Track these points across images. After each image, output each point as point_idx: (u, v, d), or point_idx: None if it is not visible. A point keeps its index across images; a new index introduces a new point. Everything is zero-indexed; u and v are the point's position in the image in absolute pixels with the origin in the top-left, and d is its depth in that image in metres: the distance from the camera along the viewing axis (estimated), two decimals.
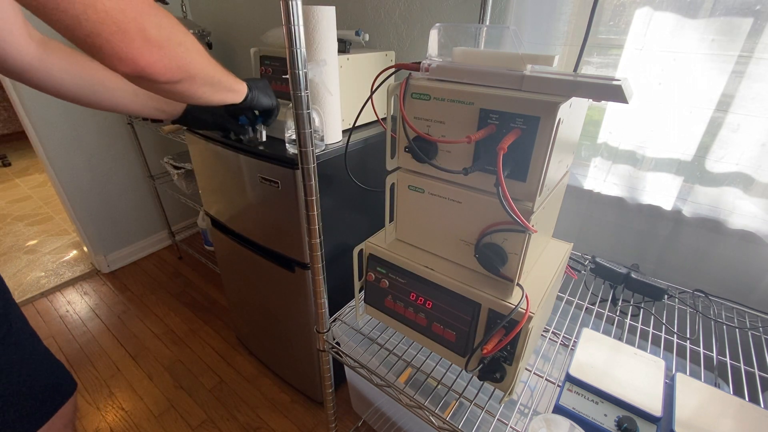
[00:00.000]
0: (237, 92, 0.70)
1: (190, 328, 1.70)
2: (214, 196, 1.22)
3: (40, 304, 1.85)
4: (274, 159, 0.92)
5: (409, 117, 0.59)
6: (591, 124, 0.95)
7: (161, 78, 0.46)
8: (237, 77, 0.71)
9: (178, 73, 0.48)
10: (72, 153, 1.78)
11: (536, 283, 0.62)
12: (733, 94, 0.77)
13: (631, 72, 0.85)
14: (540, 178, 0.50)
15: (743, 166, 0.80)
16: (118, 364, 1.53)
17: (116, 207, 2.00)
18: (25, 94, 1.58)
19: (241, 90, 0.71)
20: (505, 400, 0.62)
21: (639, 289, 0.85)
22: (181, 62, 0.48)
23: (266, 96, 0.79)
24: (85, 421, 1.32)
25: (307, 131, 0.56)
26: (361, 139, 1.01)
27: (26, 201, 2.83)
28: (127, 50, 0.41)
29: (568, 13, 0.91)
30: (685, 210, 0.89)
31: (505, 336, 0.56)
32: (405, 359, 0.73)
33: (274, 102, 0.81)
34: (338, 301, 0.87)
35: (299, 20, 0.48)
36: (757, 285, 0.85)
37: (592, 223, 1.03)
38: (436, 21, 1.13)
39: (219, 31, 1.86)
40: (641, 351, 0.63)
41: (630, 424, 0.51)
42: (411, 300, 0.67)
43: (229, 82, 0.66)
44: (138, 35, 0.41)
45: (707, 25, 0.75)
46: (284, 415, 1.34)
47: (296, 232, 0.98)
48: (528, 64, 0.50)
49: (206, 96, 0.60)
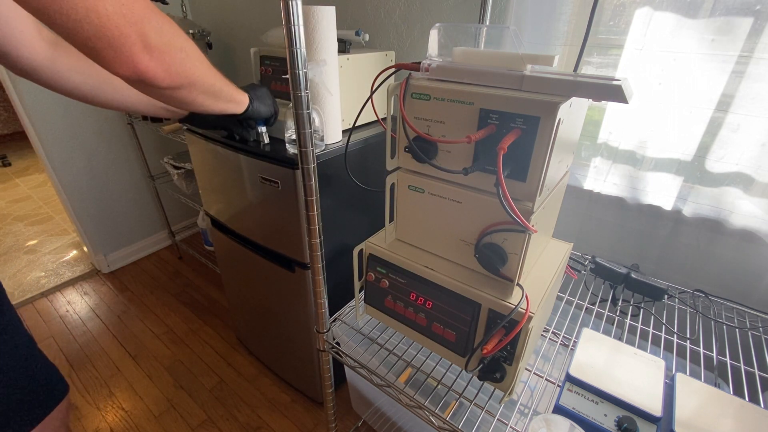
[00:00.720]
0: (238, 103, 0.71)
1: (190, 328, 1.70)
2: (214, 196, 1.22)
3: (40, 304, 1.85)
4: (274, 159, 0.92)
5: (409, 117, 0.59)
6: (591, 124, 0.95)
7: (161, 83, 0.46)
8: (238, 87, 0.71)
9: (178, 79, 0.49)
10: (72, 153, 1.78)
11: (536, 283, 0.62)
12: (733, 94, 0.77)
13: (631, 72, 0.85)
14: (540, 178, 0.50)
15: (743, 166, 0.80)
16: (118, 364, 1.53)
17: (116, 207, 2.00)
18: (25, 94, 1.58)
19: (242, 101, 0.72)
20: (505, 400, 0.62)
21: (639, 289, 0.85)
22: (182, 68, 0.48)
23: (265, 105, 0.80)
24: (85, 421, 1.32)
25: (307, 131, 0.56)
26: (361, 139, 1.01)
27: (26, 201, 2.83)
28: (128, 54, 0.42)
29: (568, 13, 0.91)
30: (685, 210, 0.89)
31: (505, 336, 0.56)
32: (405, 359, 0.73)
33: (272, 110, 0.82)
34: (338, 301, 0.87)
35: (299, 20, 0.48)
36: (757, 285, 0.84)
37: (592, 223, 1.02)
38: (436, 21, 1.13)
39: (219, 31, 1.86)
40: (641, 351, 0.63)
41: (630, 424, 0.51)
42: (411, 300, 0.67)
43: (230, 93, 0.67)
44: (139, 40, 0.42)
45: (707, 25, 0.75)
46: (284, 415, 1.34)
47: (296, 232, 0.98)
48: (528, 64, 0.50)
49: (206, 104, 0.60)
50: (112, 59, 0.41)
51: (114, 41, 0.40)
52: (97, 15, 0.38)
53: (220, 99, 0.63)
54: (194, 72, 0.51)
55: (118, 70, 0.42)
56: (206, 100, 0.59)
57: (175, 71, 0.47)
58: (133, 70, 0.43)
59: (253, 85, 0.80)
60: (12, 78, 1.55)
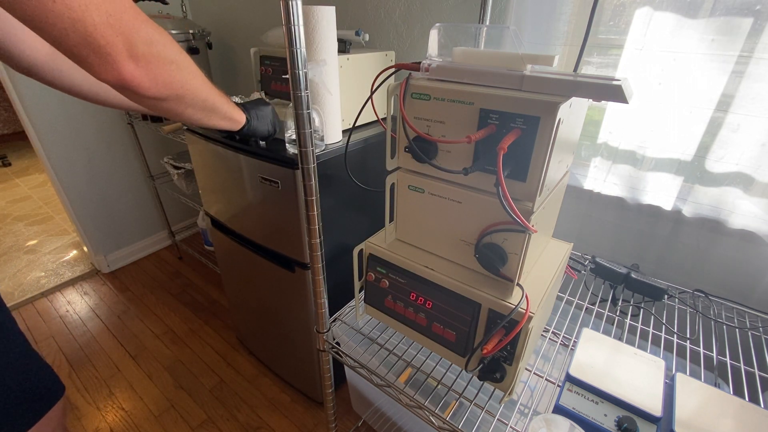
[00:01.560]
0: (234, 121, 0.70)
1: (190, 328, 1.70)
2: (214, 196, 1.22)
3: (40, 304, 1.85)
4: (274, 159, 0.92)
5: (409, 117, 0.59)
6: (591, 124, 0.95)
7: (145, 92, 0.46)
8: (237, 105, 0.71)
9: (165, 90, 0.48)
10: (72, 153, 1.78)
11: (536, 283, 0.62)
12: (733, 94, 0.77)
13: (631, 72, 0.85)
14: (540, 178, 0.50)
15: (743, 166, 0.80)
16: (118, 364, 1.53)
17: (116, 207, 2.00)
18: (25, 94, 1.58)
19: (238, 120, 0.71)
20: (505, 400, 0.62)
21: (639, 289, 0.85)
22: (170, 80, 0.48)
23: (264, 124, 0.80)
24: (85, 421, 1.32)
25: (307, 131, 0.56)
26: (361, 139, 1.01)
27: (26, 201, 2.83)
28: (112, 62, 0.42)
29: (568, 13, 0.91)
30: (685, 210, 0.89)
31: (505, 336, 0.56)
32: (405, 359, 0.73)
33: (271, 129, 0.82)
34: (338, 301, 0.87)
35: (299, 20, 0.48)
36: (757, 285, 0.84)
37: (592, 223, 1.02)
38: (436, 21, 1.13)
39: (219, 31, 1.86)
40: (641, 351, 0.63)
41: (630, 424, 0.51)
42: (411, 300, 0.67)
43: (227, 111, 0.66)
44: (125, 48, 0.42)
45: (707, 25, 0.75)
46: (284, 415, 1.34)
47: (296, 232, 0.98)
48: (528, 64, 0.50)
49: (196, 118, 0.60)
50: (97, 66, 0.41)
51: (100, 49, 0.40)
52: (84, 25, 0.38)
53: (214, 115, 0.63)
54: (184, 85, 0.51)
55: (103, 77, 0.43)
56: (196, 114, 0.59)
57: (162, 82, 0.47)
58: (117, 77, 0.43)
59: (257, 102, 0.80)
60: (12, 77, 1.54)
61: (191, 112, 0.57)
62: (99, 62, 0.41)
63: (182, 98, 0.52)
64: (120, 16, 0.40)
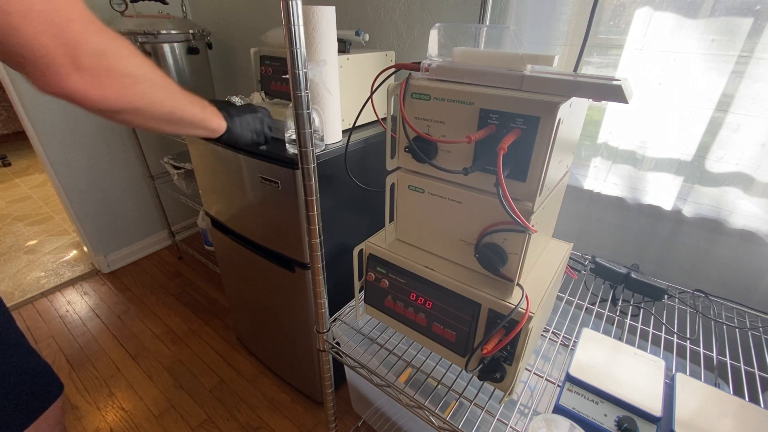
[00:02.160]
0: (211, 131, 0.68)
1: (190, 328, 1.70)
2: (214, 196, 1.22)
3: (40, 304, 1.85)
4: (274, 159, 0.92)
5: (409, 117, 0.59)
6: (591, 124, 0.95)
7: (93, 105, 0.45)
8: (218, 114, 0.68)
9: (117, 104, 0.47)
10: (72, 153, 1.78)
11: (536, 283, 0.62)
12: (733, 94, 0.77)
13: (631, 72, 0.85)
14: (540, 178, 0.50)
15: (743, 166, 0.80)
16: (118, 364, 1.53)
17: (116, 207, 2.00)
18: (25, 94, 1.58)
19: (216, 129, 0.69)
20: (505, 400, 0.62)
21: (639, 289, 0.85)
22: (122, 93, 0.47)
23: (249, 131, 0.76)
24: (85, 421, 1.32)
25: (307, 131, 0.56)
26: (361, 139, 1.01)
27: (26, 201, 2.83)
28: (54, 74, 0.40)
29: (568, 13, 0.91)
30: (685, 210, 0.89)
31: (505, 336, 0.56)
32: (405, 359, 0.73)
33: (255, 138, 0.79)
34: (338, 301, 0.87)
35: (299, 20, 0.48)
36: (757, 285, 0.85)
37: (592, 223, 1.03)
38: (436, 21, 1.13)
39: (219, 31, 1.86)
40: (641, 351, 0.63)
41: (630, 424, 0.51)
42: (411, 300, 0.67)
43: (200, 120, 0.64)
44: (68, 61, 0.40)
45: (707, 25, 0.75)
46: (284, 415, 1.33)
47: (296, 232, 0.98)
48: (528, 64, 0.50)
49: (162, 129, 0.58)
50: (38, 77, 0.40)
51: (39, 60, 0.39)
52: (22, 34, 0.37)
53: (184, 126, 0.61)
54: (143, 98, 0.49)
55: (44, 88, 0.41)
56: (161, 126, 0.57)
57: (113, 95, 0.45)
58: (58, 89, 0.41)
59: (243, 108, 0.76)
60: (12, 78, 1.54)
61: (154, 124, 0.55)
62: (39, 73, 0.40)
63: (140, 111, 0.51)
64: (65, 26, 0.39)
